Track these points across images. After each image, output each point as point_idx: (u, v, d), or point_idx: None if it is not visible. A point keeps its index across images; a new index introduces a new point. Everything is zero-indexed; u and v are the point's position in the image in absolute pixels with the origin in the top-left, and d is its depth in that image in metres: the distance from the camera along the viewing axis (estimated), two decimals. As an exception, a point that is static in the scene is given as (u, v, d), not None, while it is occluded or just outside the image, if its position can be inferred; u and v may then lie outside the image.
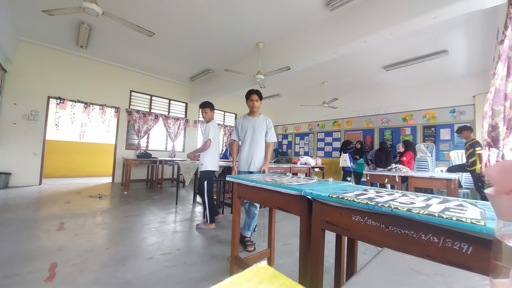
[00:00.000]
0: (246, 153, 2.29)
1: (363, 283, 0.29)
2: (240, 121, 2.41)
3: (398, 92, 6.44)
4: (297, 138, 9.42)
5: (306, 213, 1.04)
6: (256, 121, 2.34)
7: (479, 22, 3.40)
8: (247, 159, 2.29)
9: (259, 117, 2.37)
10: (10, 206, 3.06)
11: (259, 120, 2.35)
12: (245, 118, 2.40)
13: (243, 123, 2.37)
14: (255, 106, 2.32)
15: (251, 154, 2.28)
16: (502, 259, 0.24)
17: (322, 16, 3.55)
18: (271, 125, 2.38)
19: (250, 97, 2.32)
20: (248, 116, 2.39)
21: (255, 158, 2.28)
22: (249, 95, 2.33)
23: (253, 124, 2.32)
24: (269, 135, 2.36)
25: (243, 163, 2.30)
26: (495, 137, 2.14)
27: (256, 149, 2.29)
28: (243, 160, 2.30)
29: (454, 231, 0.59)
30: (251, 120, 2.35)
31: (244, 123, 2.36)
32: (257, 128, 2.31)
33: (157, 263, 1.70)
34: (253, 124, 2.32)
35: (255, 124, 2.32)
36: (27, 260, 1.64)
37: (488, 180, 2.02)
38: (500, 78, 2.08)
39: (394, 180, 3.06)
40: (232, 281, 0.21)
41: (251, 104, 2.33)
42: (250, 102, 2.33)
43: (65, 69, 5.14)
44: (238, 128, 2.40)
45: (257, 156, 2.29)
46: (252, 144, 2.29)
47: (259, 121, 2.34)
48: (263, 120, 2.37)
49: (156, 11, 3.57)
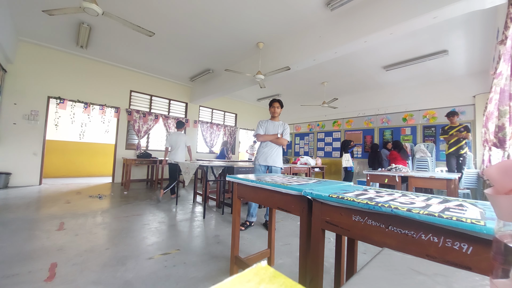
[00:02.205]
0: (265, 150, 2.75)
1: (363, 283, 0.29)
2: (263, 123, 2.85)
3: (398, 92, 6.44)
4: (297, 138, 9.42)
5: (306, 213, 1.04)
6: (276, 125, 2.81)
7: (479, 22, 3.40)
8: (266, 155, 2.73)
9: (278, 122, 2.83)
10: (10, 206, 3.06)
11: (278, 124, 2.81)
12: (267, 121, 2.84)
13: (266, 125, 2.82)
14: (276, 112, 2.79)
15: (269, 151, 2.74)
16: (502, 259, 0.24)
17: (322, 16, 3.55)
18: (287, 129, 2.82)
19: (273, 105, 2.79)
20: (270, 120, 2.84)
21: (272, 154, 2.74)
22: (272, 102, 2.79)
23: (273, 127, 2.79)
24: (284, 135, 2.79)
25: (262, 158, 2.73)
26: (502, 138, 2.14)
27: (273, 147, 2.76)
28: (262, 155, 2.74)
29: (454, 231, 0.59)
30: (271, 123, 2.82)
31: (267, 125, 2.81)
32: (276, 130, 2.77)
33: (157, 263, 1.70)
34: (273, 127, 2.79)
35: (274, 128, 2.79)
36: (27, 260, 1.64)
37: (488, 180, 2.02)
38: (505, 78, 2.08)
39: (394, 180, 3.06)
40: (232, 281, 0.21)
41: (272, 110, 2.80)
42: (272, 109, 2.80)
43: (65, 69, 5.14)
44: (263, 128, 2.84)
45: (273, 153, 2.75)
46: (269, 143, 2.77)
47: (278, 125, 2.81)
48: (281, 124, 2.83)
49: (156, 11, 3.57)
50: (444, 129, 4.31)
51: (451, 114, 4.24)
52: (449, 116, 4.25)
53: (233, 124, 8.89)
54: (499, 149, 2.37)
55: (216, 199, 3.64)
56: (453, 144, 4.14)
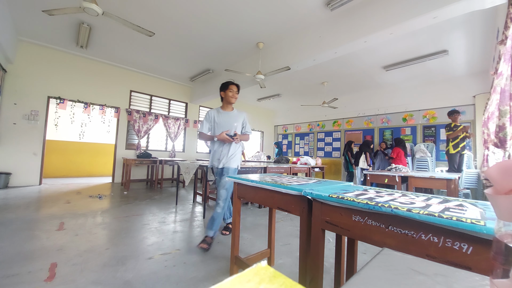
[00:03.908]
0: (219, 149, 2.13)
1: (363, 283, 0.29)
2: (211, 116, 2.16)
3: (398, 92, 6.44)
4: (297, 138, 9.42)
5: (306, 213, 1.04)
6: (231, 116, 2.17)
7: (479, 22, 3.40)
8: (219, 154, 2.14)
9: (233, 112, 2.19)
10: (10, 206, 3.06)
11: (234, 115, 2.18)
12: (218, 112, 2.17)
13: (217, 118, 2.15)
14: (235, 97, 2.14)
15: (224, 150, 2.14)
16: (502, 259, 0.24)
17: (322, 16, 3.55)
18: (246, 119, 2.27)
19: (231, 88, 2.13)
20: (222, 111, 2.17)
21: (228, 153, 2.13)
22: (229, 85, 2.13)
23: (228, 120, 2.15)
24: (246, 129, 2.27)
25: (214, 157, 2.16)
26: (503, 138, 2.14)
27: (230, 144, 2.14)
28: (214, 154, 2.16)
29: (454, 231, 0.59)
30: (225, 115, 2.16)
31: (218, 118, 2.15)
32: (232, 124, 2.15)
33: (157, 263, 1.69)
34: (228, 120, 2.15)
35: (231, 120, 2.16)
36: (27, 260, 1.64)
37: (488, 180, 2.02)
38: (505, 78, 2.08)
39: (394, 180, 3.06)
40: (232, 281, 0.21)
41: (230, 95, 2.12)
42: (230, 93, 2.12)
43: (65, 69, 5.14)
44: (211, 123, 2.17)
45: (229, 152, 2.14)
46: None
47: (234, 117, 2.17)
48: (239, 115, 2.19)
49: (156, 11, 3.57)
50: (450, 126, 4.15)
51: (454, 113, 4.14)
52: (453, 115, 4.15)
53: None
54: (499, 149, 2.37)
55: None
56: (459, 143, 4.04)
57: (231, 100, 2.16)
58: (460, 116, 4.23)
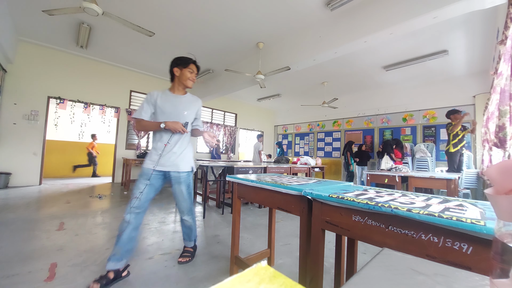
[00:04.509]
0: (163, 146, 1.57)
1: (363, 283, 0.29)
2: (155, 98, 1.59)
3: (398, 92, 6.44)
4: (297, 138, 9.42)
5: (306, 213, 1.04)
6: (182, 102, 1.64)
7: (479, 22, 3.40)
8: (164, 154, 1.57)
9: (186, 97, 1.68)
10: (10, 206, 3.06)
11: (185, 101, 1.66)
12: (165, 95, 1.62)
13: (161, 102, 1.59)
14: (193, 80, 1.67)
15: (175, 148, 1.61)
16: (502, 259, 0.24)
17: (322, 16, 3.55)
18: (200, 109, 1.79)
19: (191, 67, 1.65)
20: (170, 93, 1.64)
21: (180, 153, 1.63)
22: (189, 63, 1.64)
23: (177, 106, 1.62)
24: (199, 122, 1.78)
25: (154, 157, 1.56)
26: (503, 138, 2.14)
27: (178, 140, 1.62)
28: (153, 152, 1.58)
29: (454, 231, 0.59)
30: (174, 99, 1.62)
31: (163, 102, 1.59)
32: (181, 112, 1.62)
33: (157, 263, 1.69)
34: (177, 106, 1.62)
35: (180, 107, 1.62)
36: (27, 260, 1.64)
37: (488, 180, 2.02)
38: (505, 78, 2.08)
39: (394, 180, 3.06)
40: (232, 281, 0.21)
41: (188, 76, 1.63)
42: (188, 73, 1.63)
43: (65, 69, 5.14)
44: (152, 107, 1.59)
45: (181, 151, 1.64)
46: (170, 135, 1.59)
47: (186, 103, 1.66)
48: (193, 101, 1.70)
49: (156, 11, 3.57)
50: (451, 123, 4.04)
51: (455, 112, 4.06)
52: (453, 114, 4.03)
53: (233, 124, 8.89)
54: (499, 149, 2.37)
55: (216, 199, 3.64)
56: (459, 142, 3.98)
57: (188, 83, 1.65)
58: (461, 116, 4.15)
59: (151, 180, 1.54)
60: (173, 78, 1.68)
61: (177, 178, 1.62)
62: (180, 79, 1.65)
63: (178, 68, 1.64)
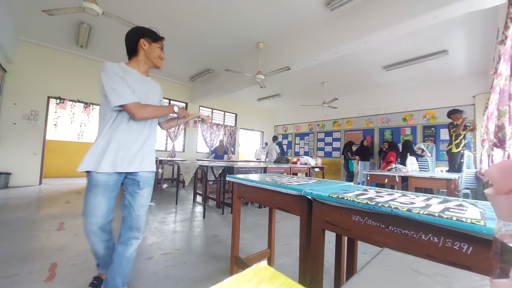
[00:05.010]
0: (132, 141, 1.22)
1: (363, 283, 0.29)
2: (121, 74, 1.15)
3: (398, 92, 6.44)
4: (297, 138, 9.42)
5: (306, 213, 1.04)
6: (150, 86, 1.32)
7: (479, 22, 3.40)
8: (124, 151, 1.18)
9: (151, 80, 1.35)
10: (10, 206, 3.06)
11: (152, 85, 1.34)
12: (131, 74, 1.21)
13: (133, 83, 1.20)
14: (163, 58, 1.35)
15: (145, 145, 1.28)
16: (502, 259, 0.24)
17: (322, 16, 3.55)
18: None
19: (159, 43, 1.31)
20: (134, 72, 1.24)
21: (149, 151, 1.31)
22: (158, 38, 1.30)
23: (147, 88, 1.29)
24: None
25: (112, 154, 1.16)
26: (502, 138, 2.15)
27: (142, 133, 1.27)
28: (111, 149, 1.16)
29: (454, 231, 0.59)
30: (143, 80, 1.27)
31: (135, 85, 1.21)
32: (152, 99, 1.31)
33: (157, 263, 1.69)
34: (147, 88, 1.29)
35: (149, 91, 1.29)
36: (27, 260, 1.64)
37: (488, 180, 2.02)
38: (504, 78, 2.08)
39: (394, 180, 3.06)
40: (232, 281, 0.21)
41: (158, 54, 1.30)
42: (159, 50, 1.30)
43: (65, 69, 5.14)
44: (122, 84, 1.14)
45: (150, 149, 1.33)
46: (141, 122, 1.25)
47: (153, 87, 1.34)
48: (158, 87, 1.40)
49: (156, 11, 3.57)
50: (453, 124, 4.02)
51: (456, 112, 4.00)
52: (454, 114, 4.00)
53: (233, 124, 8.89)
54: (499, 149, 2.37)
55: (216, 199, 3.64)
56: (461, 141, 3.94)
57: (158, 63, 1.32)
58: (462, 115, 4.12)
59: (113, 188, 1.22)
60: (134, 52, 1.27)
61: (144, 179, 1.27)
62: (148, 55, 1.27)
63: (145, 41, 1.26)
